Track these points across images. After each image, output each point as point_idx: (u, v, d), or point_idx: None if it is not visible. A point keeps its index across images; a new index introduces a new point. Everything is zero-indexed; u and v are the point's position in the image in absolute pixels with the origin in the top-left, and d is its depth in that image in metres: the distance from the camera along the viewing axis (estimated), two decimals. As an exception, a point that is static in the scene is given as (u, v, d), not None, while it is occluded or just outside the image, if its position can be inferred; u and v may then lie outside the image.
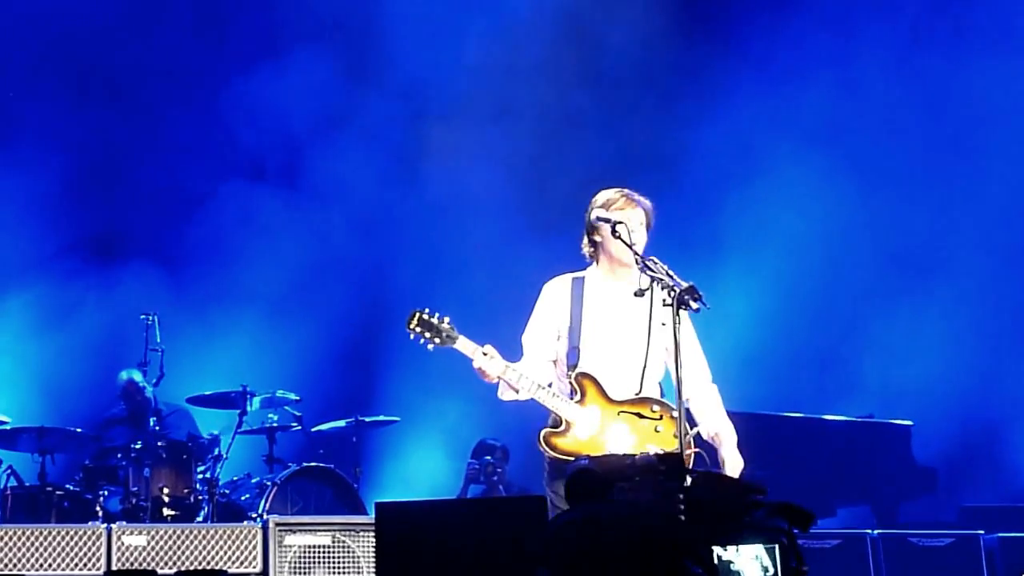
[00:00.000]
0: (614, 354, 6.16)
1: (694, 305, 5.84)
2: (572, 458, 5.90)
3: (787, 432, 10.75)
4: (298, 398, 10.47)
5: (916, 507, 11.33)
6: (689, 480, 3.34)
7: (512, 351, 6.27)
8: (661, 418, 6.07)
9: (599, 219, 6.17)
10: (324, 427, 10.86)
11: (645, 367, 6.17)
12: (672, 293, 5.85)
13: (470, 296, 10.83)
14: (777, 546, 3.50)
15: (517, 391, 6.09)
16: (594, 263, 6.33)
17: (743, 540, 3.35)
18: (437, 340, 6.06)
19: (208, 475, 9.82)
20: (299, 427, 10.60)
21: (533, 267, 6.89)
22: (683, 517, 3.34)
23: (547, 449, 6.04)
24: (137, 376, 10.41)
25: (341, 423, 10.72)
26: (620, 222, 6.09)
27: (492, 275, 11.56)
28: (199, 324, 11.73)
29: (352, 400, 11.19)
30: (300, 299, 12.19)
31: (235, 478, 10.24)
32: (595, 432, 6.03)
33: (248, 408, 10.29)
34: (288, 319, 12.01)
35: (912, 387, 11.96)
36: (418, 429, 11.38)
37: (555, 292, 6.29)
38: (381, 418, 10.83)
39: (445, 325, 6.07)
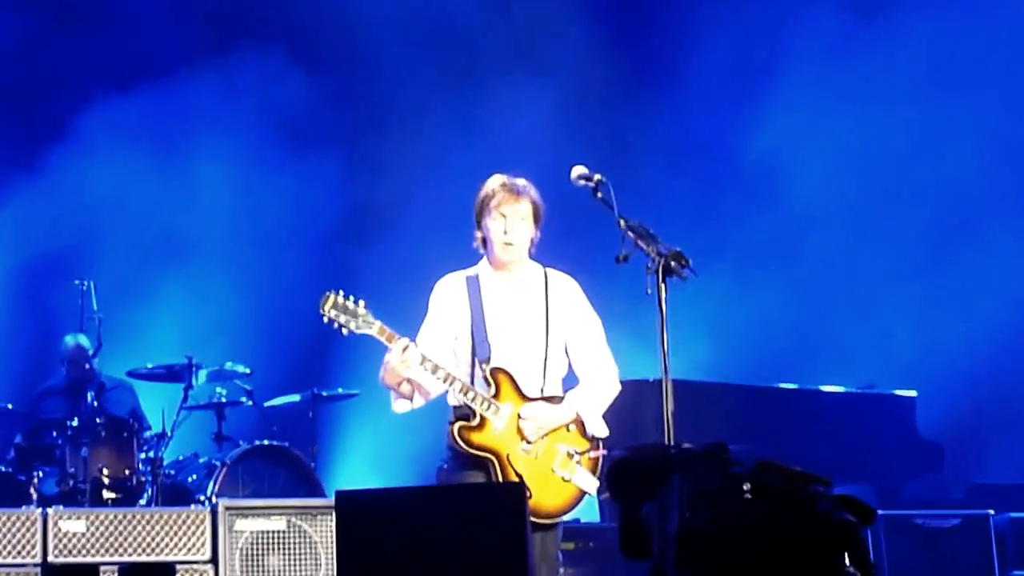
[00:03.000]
0: (516, 349, 6.09)
1: (682, 273, 5.66)
2: (484, 453, 5.90)
3: (781, 405, 10.64)
4: (249, 371, 10.25)
5: (921, 485, 11.19)
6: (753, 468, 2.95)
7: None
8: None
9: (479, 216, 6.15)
10: (277, 402, 10.69)
11: (546, 361, 6.12)
12: (657, 259, 5.67)
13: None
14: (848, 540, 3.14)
15: (411, 399, 6.09)
16: (485, 257, 6.22)
17: (811, 533, 2.97)
18: (352, 325, 5.95)
19: (152, 455, 9.59)
20: (250, 402, 10.39)
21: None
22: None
23: (461, 444, 5.96)
24: (84, 341, 10.16)
25: (296, 397, 10.55)
26: (601, 182, 5.92)
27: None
28: (140, 290, 11.47)
29: (308, 372, 10.98)
30: (250, 264, 11.89)
31: (181, 458, 10.00)
32: (509, 428, 5.97)
33: (194, 382, 10.05)
34: (237, 285, 11.74)
35: (916, 355, 11.77)
36: (380, 403, 11.03)
37: (450, 290, 6.19)
38: (339, 392, 10.59)
39: (361, 310, 5.96)
